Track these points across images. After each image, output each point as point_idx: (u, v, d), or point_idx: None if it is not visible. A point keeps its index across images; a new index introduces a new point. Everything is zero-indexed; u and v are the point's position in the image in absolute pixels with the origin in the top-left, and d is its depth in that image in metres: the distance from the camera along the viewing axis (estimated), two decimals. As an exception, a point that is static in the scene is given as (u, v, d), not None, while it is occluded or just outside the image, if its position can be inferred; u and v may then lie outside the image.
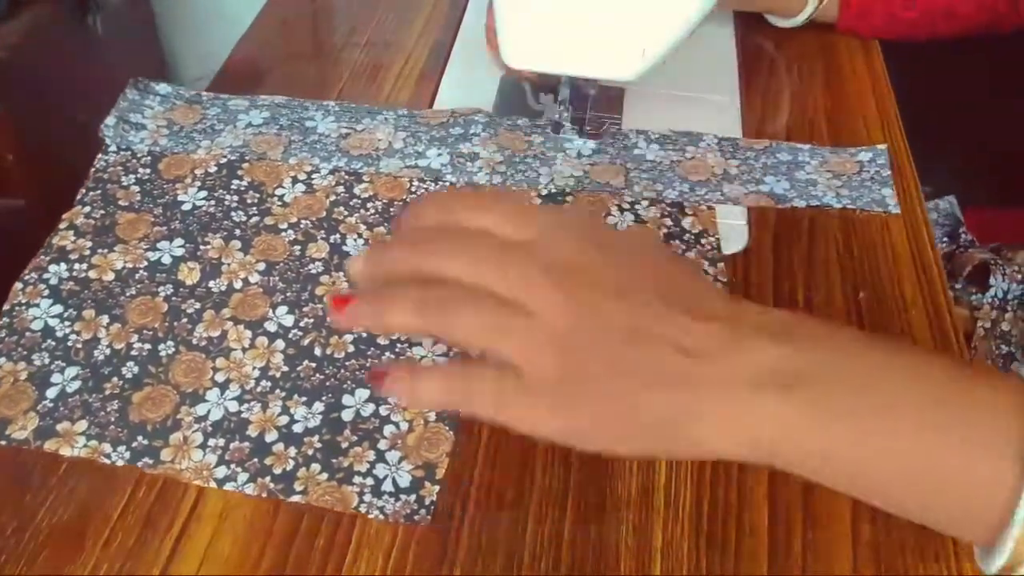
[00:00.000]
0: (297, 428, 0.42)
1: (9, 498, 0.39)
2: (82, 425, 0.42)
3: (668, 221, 0.53)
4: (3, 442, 0.41)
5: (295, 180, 0.54)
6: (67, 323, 0.46)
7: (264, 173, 0.55)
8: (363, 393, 0.43)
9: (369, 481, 0.40)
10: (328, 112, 0.60)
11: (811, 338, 0.35)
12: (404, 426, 0.42)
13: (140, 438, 0.41)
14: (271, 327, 0.46)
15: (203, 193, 0.53)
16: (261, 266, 0.49)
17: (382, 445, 0.41)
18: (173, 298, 0.47)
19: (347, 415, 0.43)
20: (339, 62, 0.66)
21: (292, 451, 0.41)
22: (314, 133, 0.58)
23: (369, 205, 0.53)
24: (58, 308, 0.47)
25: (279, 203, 0.53)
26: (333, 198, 0.54)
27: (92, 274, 0.48)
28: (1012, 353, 0.64)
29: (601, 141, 0.58)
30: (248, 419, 0.42)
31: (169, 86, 0.61)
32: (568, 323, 0.34)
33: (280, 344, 0.45)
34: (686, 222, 0.53)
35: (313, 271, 0.49)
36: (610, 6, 0.46)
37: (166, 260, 0.49)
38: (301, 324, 0.46)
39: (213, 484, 0.39)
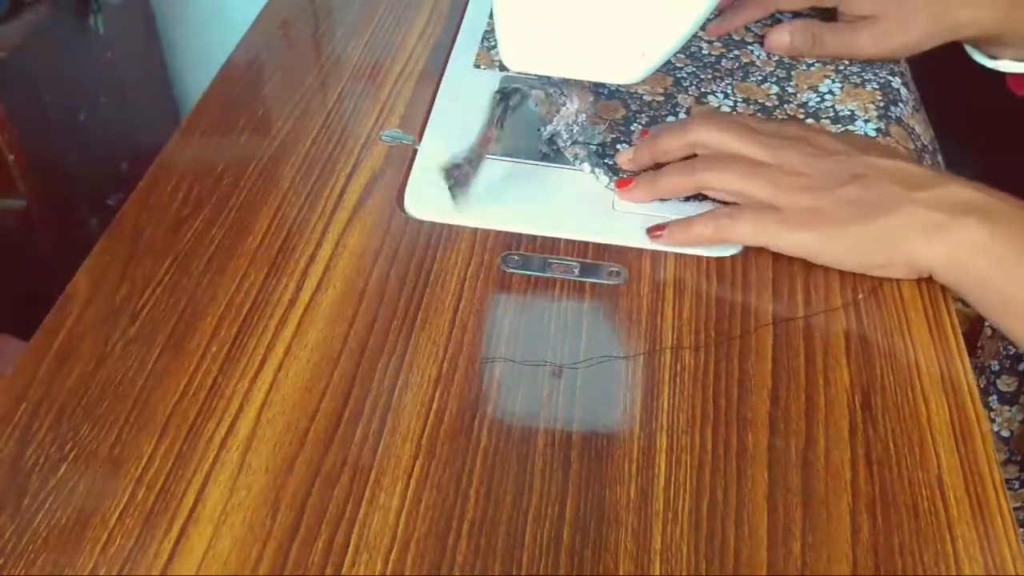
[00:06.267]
0: None
1: (7, 500, 0.39)
2: None
3: None
4: None
5: None
6: None
7: None
8: None
9: None
10: None
11: (1005, 198, 0.46)
12: None
13: None
14: None
15: None
16: None
17: None
18: None
19: None
20: (339, 62, 0.66)
21: None
22: None
23: None
24: None
25: None
26: None
27: None
28: (1021, 355, 0.64)
29: None
30: None
31: None
32: (805, 170, 0.48)
33: None
34: None
35: None
36: (610, 8, 0.46)
37: None
38: None
39: None
